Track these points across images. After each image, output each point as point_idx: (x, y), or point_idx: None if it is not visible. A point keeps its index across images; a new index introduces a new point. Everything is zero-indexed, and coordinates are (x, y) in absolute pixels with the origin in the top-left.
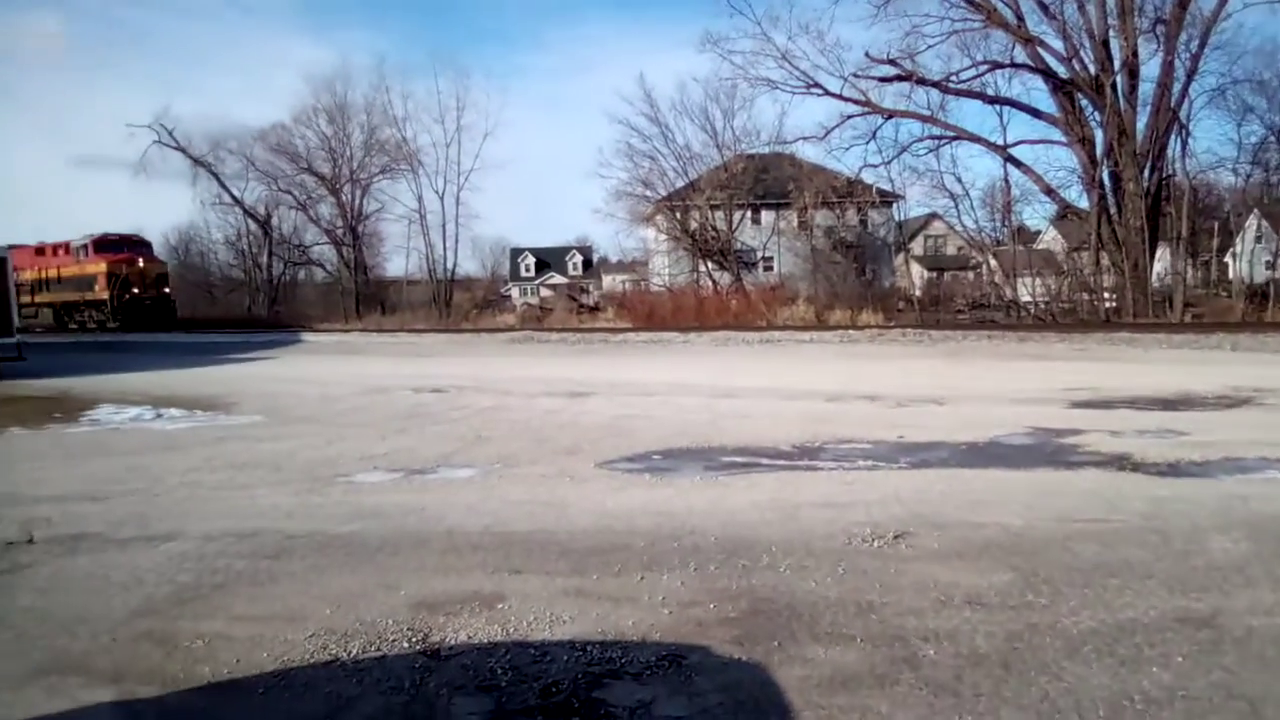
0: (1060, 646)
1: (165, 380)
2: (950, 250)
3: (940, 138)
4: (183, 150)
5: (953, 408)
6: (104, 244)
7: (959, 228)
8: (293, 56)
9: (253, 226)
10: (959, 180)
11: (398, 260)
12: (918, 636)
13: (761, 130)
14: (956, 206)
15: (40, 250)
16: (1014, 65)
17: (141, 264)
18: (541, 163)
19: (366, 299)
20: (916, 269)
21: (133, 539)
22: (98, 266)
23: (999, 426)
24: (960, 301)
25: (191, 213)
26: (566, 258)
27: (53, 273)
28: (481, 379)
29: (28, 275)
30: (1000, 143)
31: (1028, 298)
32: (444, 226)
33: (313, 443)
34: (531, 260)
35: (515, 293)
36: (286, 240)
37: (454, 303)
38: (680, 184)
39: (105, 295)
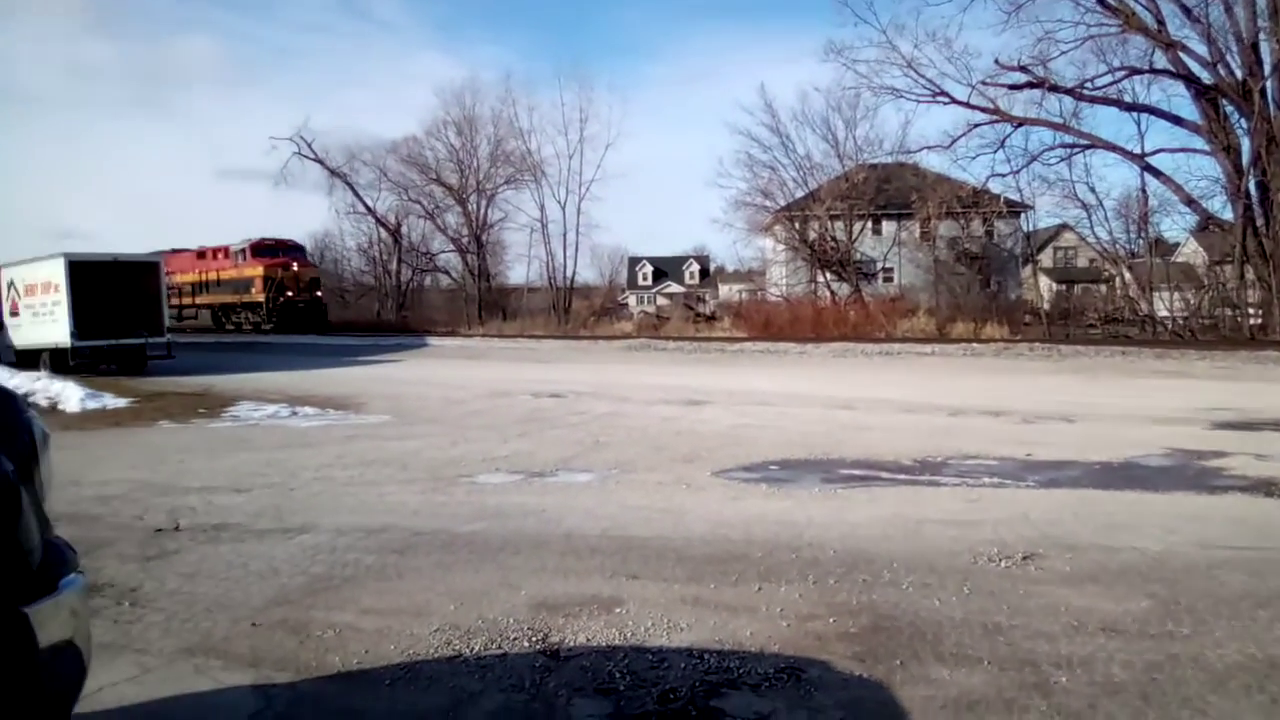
0: (1204, 680)
1: (300, 379)
2: (1081, 262)
3: (1073, 146)
4: (320, 162)
5: (1084, 426)
6: (261, 248)
7: (1091, 239)
8: (425, 71)
9: (383, 235)
10: (1092, 190)
11: (519, 268)
12: (1049, 662)
13: (884, 139)
14: (1089, 217)
15: (201, 254)
16: (1153, 71)
17: (296, 268)
18: (660, 172)
19: (488, 305)
20: (1045, 281)
21: (270, 530)
22: (255, 270)
23: (1135, 446)
24: (1092, 316)
25: (327, 221)
26: (683, 266)
27: (212, 275)
28: (599, 385)
29: (189, 278)
30: (1137, 151)
31: (1165, 313)
32: (564, 235)
33: (437, 443)
34: (649, 269)
35: (632, 300)
36: (415, 248)
37: (572, 310)
38: (800, 194)
39: (261, 298)
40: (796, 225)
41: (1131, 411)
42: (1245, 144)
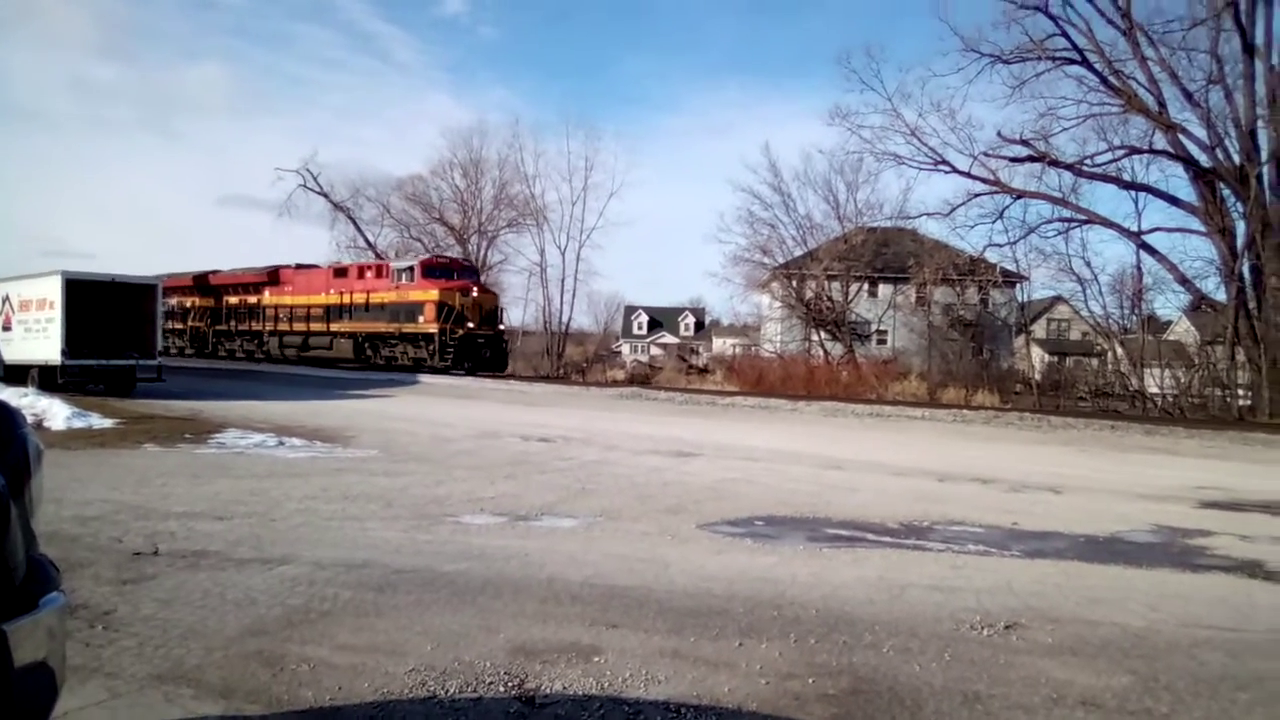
0: None
1: (289, 410)
2: (1074, 335)
3: (1070, 220)
4: (325, 195)
5: (1071, 498)
6: (433, 267)
7: (1085, 313)
8: (434, 111)
9: None
10: (1088, 264)
11: (515, 311)
12: None
13: (884, 204)
14: (1084, 291)
15: (341, 271)
16: (1153, 151)
17: (476, 293)
18: (662, 223)
19: None
20: (1037, 352)
21: (249, 560)
22: (425, 294)
23: (1120, 521)
24: (1082, 388)
25: (327, 254)
26: (679, 318)
27: (359, 298)
28: (588, 432)
29: (318, 299)
30: (1134, 229)
31: (1155, 389)
32: (563, 281)
33: (423, 481)
34: (644, 318)
35: (626, 349)
36: None
37: (566, 355)
38: (798, 253)
39: (433, 328)
40: (794, 283)
41: (1119, 486)
42: (1240, 227)
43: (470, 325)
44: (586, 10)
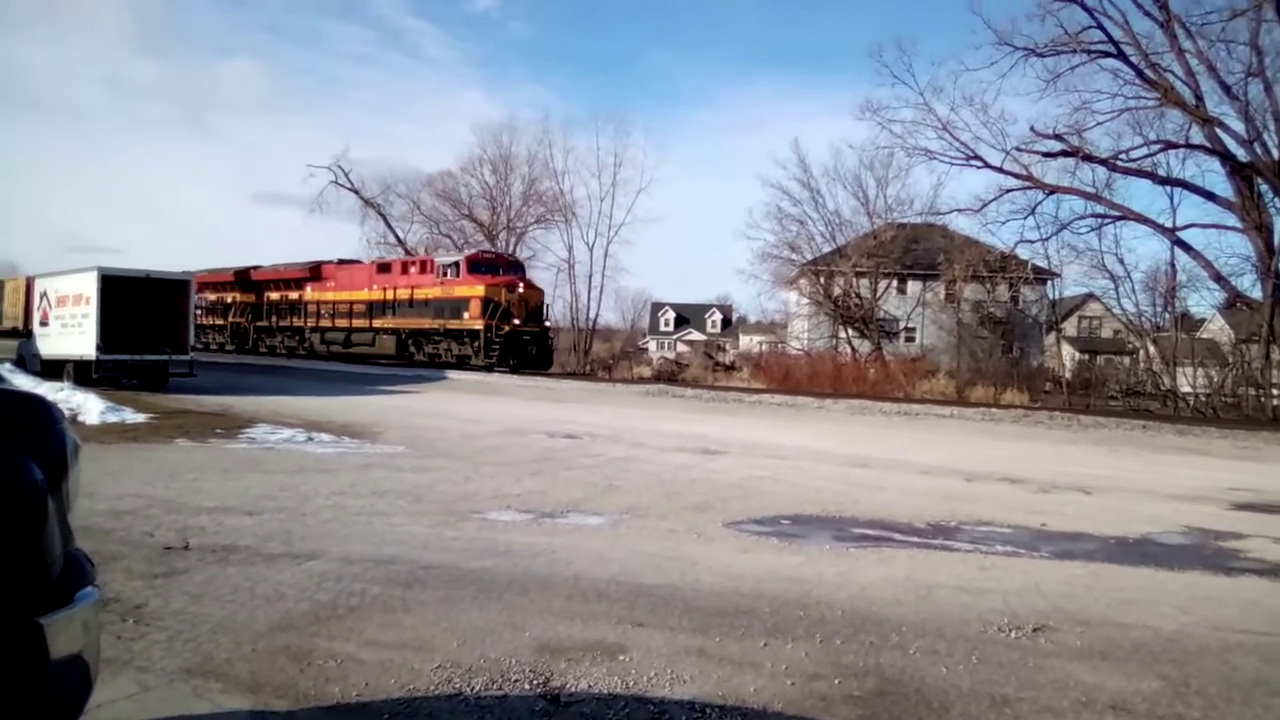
0: None
1: (318, 405)
2: (1106, 333)
3: (1104, 216)
4: (356, 191)
5: (1101, 498)
6: (479, 263)
7: (1117, 310)
8: (465, 107)
9: None
10: (1121, 261)
11: None
12: None
13: (914, 199)
14: (1116, 288)
15: (384, 266)
16: (1189, 146)
17: (522, 289)
18: (690, 220)
19: None
20: (1068, 350)
21: (279, 555)
22: (472, 289)
23: (1151, 523)
24: (1113, 387)
25: (356, 250)
26: (706, 315)
27: (403, 294)
28: (615, 428)
29: (360, 295)
30: (1169, 225)
31: (1188, 389)
32: (590, 277)
33: (451, 477)
34: (671, 315)
35: (653, 346)
36: None
37: (593, 352)
38: (827, 249)
39: (479, 324)
40: (821, 280)
41: (1150, 486)
42: (1278, 223)
43: (516, 322)
44: (616, 3)
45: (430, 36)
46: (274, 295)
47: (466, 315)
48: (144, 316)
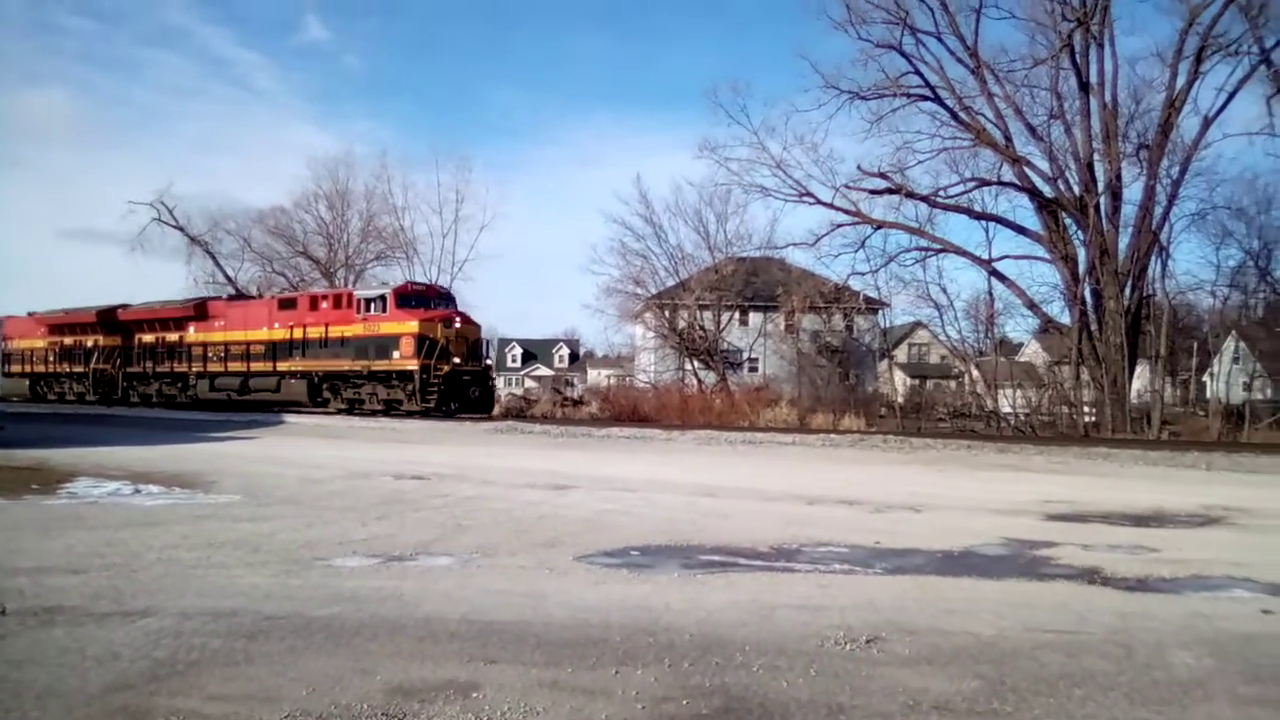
0: None
1: (143, 455)
2: (934, 359)
3: (927, 249)
4: (181, 229)
5: (930, 516)
6: (409, 295)
7: (943, 337)
8: (298, 141)
9: None
10: (944, 291)
11: None
12: None
13: (753, 234)
14: (941, 316)
15: (288, 303)
16: (1001, 183)
17: (459, 324)
18: (534, 255)
19: None
20: (900, 376)
21: (109, 614)
22: (403, 326)
23: (974, 536)
24: (942, 410)
25: (182, 290)
26: (553, 350)
27: (314, 332)
28: (463, 468)
29: (259, 335)
30: (985, 257)
31: (1008, 409)
32: None
33: (292, 525)
34: (519, 351)
35: (500, 382)
36: None
37: None
38: (671, 283)
39: (413, 365)
40: (666, 313)
41: (974, 502)
42: (1082, 254)
43: (456, 360)
44: (452, 41)
45: (259, 68)
46: (147, 337)
47: (396, 354)
48: None
